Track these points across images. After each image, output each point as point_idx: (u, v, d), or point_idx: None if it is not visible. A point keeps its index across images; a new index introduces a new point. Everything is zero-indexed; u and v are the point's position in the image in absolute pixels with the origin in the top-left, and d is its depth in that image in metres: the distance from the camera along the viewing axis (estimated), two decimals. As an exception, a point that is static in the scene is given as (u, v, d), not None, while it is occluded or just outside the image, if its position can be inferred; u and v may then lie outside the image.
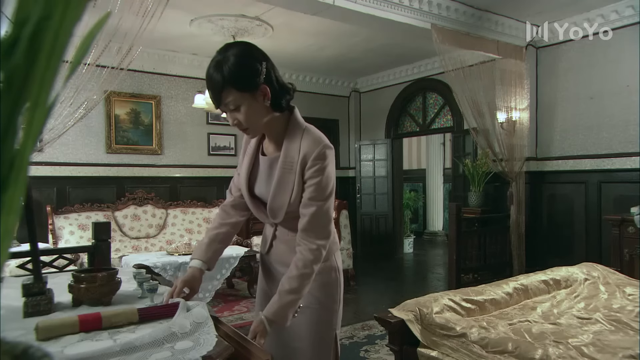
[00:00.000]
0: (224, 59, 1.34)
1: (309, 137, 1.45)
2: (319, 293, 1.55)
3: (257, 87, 1.36)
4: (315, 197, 1.43)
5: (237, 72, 1.33)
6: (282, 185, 1.47)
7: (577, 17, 5.02)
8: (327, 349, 1.58)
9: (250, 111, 1.38)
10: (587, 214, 5.16)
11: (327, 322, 1.58)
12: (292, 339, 1.56)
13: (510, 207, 5.41)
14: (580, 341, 2.03)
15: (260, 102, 1.39)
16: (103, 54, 3.59)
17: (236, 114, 1.39)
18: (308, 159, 1.42)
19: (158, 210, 5.90)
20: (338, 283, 1.60)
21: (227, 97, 1.36)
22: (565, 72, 5.31)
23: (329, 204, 1.47)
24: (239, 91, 1.35)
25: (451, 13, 4.75)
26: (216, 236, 1.62)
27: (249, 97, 1.36)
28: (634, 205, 4.10)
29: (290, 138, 1.47)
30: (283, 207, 1.48)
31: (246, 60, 1.36)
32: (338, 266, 1.61)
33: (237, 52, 1.36)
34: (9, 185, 0.31)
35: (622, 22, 4.78)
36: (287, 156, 1.46)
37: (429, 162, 9.86)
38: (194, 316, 1.20)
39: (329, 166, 1.45)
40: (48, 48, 0.30)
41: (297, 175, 1.44)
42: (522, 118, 5.39)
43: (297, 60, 6.59)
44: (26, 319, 1.28)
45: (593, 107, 5.07)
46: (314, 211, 1.43)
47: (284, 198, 1.47)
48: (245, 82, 1.35)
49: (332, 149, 1.46)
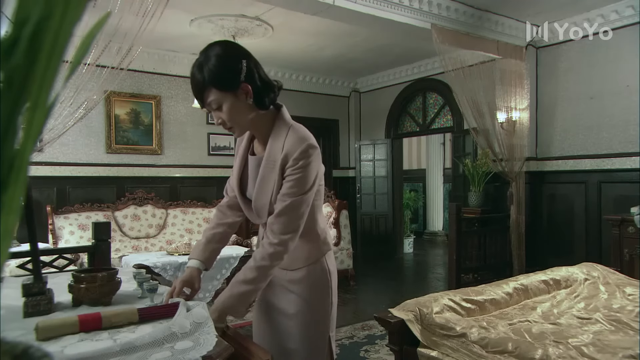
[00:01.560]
0: (205, 59, 1.35)
1: (294, 136, 1.43)
2: (310, 295, 1.53)
3: (238, 86, 1.36)
4: (290, 193, 1.40)
5: (217, 72, 1.34)
6: (263, 184, 1.46)
7: (577, 17, 5.02)
8: (321, 351, 1.57)
9: (233, 110, 1.38)
10: (587, 214, 5.16)
11: (319, 325, 1.56)
12: (284, 341, 1.55)
13: (510, 207, 5.41)
14: (580, 341, 2.03)
15: (243, 100, 1.38)
16: (103, 54, 3.59)
17: (219, 113, 1.40)
18: (290, 157, 1.40)
19: (158, 210, 5.89)
20: (329, 285, 1.58)
21: (209, 97, 1.37)
22: (565, 72, 5.31)
23: (305, 201, 1.42)
24: (220, 91, 1.35)
25: (451, 13, 4.75)
26: (213, 236, 1.62)
27: (230, 95, 1.37)
28: (634, 205, 4.10)
29: (275, 136, 1.46)
30: (265, 206, 1.46)
31: (226, 60, 1.36)
32: (329, 268, 1.59)
33: (218, 52, 1.36)
34: (9, 185, 0.31)
35: (622, 22, 4.78)
36: (270, 155, 1.45)
37: (429, 162, 9.86)
38: (194, 316, 1.20)
39: (312, 164, 1.41)
40: (48, 48, 0.30)
41: (277, 174, 1.43)
42: (522, 118, 5.39)
43: (297, 60, 6.59)
44: (26, 319, 1.27)
45: (593, 107, 5.07)
46: (285, 204, 1.40)
47: (265, 197, 1.46)
48: (226, 82, 1.35)
49: (316, 148, 1.43)
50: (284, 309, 1.56)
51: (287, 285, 1.55)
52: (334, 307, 1.61)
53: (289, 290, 1.55)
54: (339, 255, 5.54)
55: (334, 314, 1.62)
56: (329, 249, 1.61)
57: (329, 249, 1.60)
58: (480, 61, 5.18)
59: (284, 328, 1.54)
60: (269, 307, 1.60)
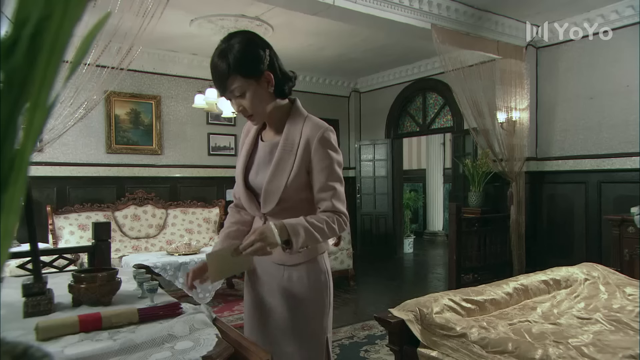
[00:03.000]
0: (228, 47, 1.38)
1: (311, 122, 1.49)
2: (307, 296, 1.52)
3: (262, 74, 1.41)
4: (332, 179, 1.46)
5: (242, 59, 1.37)
6: (280, 166, 1.47)
7: (577, 17, 5.02)
8: (319, 352, 1.56)
9: (255, 97, 1.42)
10: (587, 214, 5.16)
11: (317, 326, 1.55)
12: (281, 343, 1.53)
13: (510, 207, 5.41)
14: (580, 341, 2.03)
15: (265, 88, 1.43)
16: (103, 54, 3.59)
17: (241, 101, 1.43)
18: (312, 141, 1.45)
19: (158, 210, 5.89)
20: (327, 286, 1.58)
21: (233, 84, 1.39)
22: (565, 72, 5.31)
23: (343, 185, 1.50)
24: (244, 77, 1.39)
25: (451, 13, 4.75)
26: (228, 234, 1.66)
27: (254, 83, 1.40)
28: (634, 205, 4.10)
29: (292, 123, 1.50)
30: (278, 190, 1.46)
31: (251, 48, 1.40)
32: (327, 269, 1.59)
33: (241, 40, 1.40)
34: (9, 185, 0.31)
35: (622, 22, 4.78)
36: (288, 139, 1.48)
37: (429, 162, 9.86)
38: (194, 321, 1.20)
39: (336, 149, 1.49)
40: (48, 48, 0.30)
41: (297, 157, 1.46)
42: (522, 118, 5.39)
43: (297, 60, 6.58)
44: (26, 319, 1.28)
45: (593, 107, 5.07)
46: (333, 193, 1.46)
47: (280, 180, 1.46)
48: (250, 69, 1.39)
49: (334, 132, 1.51)
50: (280, 309, 1.54)
51: (285, 285, 1.53)
52: (330, 308, 1.60)
53: (286, 290, 1.53)
54: (339, 255, 5.54)
55: (331, 315, 1.61)
56: (326, 250, 1.61)
57: (327, 248, 1.61)
58: (480, 61, 5.18)
59: (280, 330, 1.53)
60: (265, 307, 1.58)
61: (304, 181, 1.47)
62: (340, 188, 1.48)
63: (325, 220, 1.42)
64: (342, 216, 1.46)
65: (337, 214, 1.45)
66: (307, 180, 1.48)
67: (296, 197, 1.47)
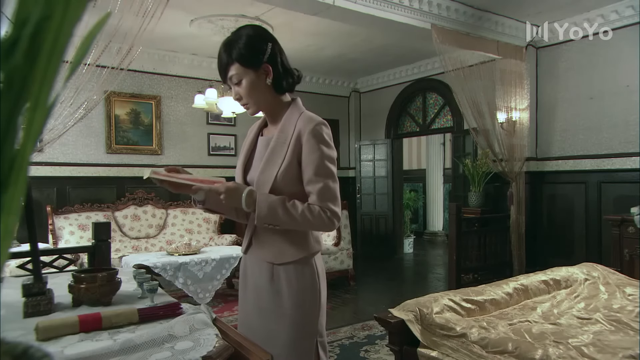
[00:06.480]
0: (235, 37, 1.49)
1: (306, 116, 1.53)
2: (297, 298, 1.49)
3: (260, 65, 1.47)
4: (320, 173, 1.45)
5: (243, 48, 1.46)
6: (272, 157, 1.50)
7: (577, 17, 5.02)
8: (308, 357, 1.51)
9: (251, 87, 1.48)
10: (587, 214, 5.16)
11: (307, 329, 1.51)
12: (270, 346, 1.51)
13: (510, 207, 5.41)
14: (580, 341, 2.03)
15: (262, 79, 1.49)
16: (103, 54, 3.59)
17: (238, 88, 1.50)
18: (303, 133, 1.47)
19: (158, 210, 5.90)
20: (318, 288, 1.53)
21: (231, 71, 1.48)
22: (565, 72, 5.31)
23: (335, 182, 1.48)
24: (243, 66, 1.46)
25: (451, 13, 4.75)
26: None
27: (251, 73, 1.47)
28: (634, 205, 4.10)
29: (288, 117, 1.54)
30: (269, 181, 1.47)
31: (253, 39, 1.48)
32: (318, 270, 1.55)
33: (248, 32, 1.49)
34: (9, 185, 0.31)
35: (622, 22, 4.78)
36: (283, 132, 1.52)
37: (429, 162, 9.86)
38: (194, 321, 1.19)
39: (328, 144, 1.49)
40: (48, 48, 0.30)
41: (289, 149, 1.47)
42: (522, 118, 5.40)
43: (297, 60, 6.54)
44: (26, 319, 1.27)
45: (593, 107, 5.07)
46: (320, 187, 1.44)
47: (271, 171, 1.48)
48: (249, 59, 1.46)
49: (328, 127, 1.52)
50: (270, 311, 1.51)
51: (272, 285, 1.51)
52: (322, 310, 1.56)
53: (273, 290, 1.50)
54: (339, 255, 5.54)
55: (322, 318, 1.57)
56: (320, 249, 1.58)
57: (319, 249, 1.58)
58: (480, 61, 5.18)
59: (270, 333, 1.50)
60: (255, 309, 1.56)
61: (295, 174, 1.47)
62: (329, 183, 1.45)
63: (302, 209, 1.42)
64: (326, 211, 1.44)
65: (323, 209, 1.44)
66: (300, 174, 1.48)
67: (287, 190, 1.47)
